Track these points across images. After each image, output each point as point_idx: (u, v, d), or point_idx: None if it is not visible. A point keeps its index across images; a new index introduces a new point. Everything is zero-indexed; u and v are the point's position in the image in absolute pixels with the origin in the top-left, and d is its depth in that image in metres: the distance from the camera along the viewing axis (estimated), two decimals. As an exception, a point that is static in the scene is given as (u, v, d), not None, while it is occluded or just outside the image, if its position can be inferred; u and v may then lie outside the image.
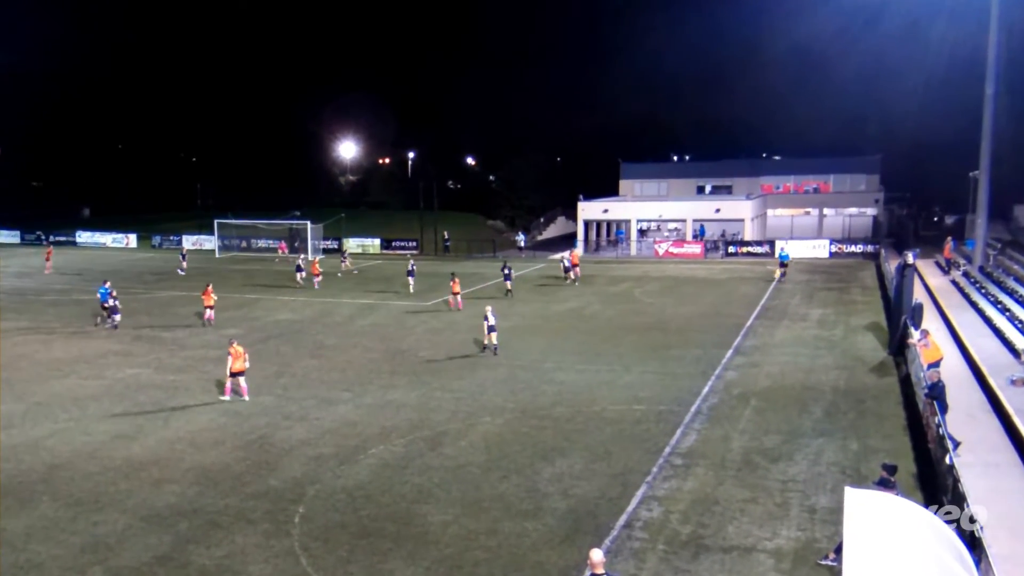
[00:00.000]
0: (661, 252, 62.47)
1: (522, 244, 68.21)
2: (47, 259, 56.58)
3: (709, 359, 28.03)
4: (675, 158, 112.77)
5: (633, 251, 66.10)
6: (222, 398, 23.93)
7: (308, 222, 67.33)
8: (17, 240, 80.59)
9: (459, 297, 39.06)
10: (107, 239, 77.44)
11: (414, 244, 67.97)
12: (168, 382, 25.97)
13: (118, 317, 35.22)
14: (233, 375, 23.88)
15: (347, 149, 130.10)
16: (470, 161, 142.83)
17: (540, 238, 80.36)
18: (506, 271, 44.92)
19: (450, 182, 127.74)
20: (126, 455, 19.37)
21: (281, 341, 32.22)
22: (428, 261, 61.58)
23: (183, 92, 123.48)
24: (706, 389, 24.27)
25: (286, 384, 25.66)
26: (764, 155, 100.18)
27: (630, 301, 41.62)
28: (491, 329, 29.33)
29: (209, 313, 36.45)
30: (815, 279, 48.44)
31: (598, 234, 72.53)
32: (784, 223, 73.51)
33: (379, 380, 25.99)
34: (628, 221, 69.41)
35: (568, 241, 71.07)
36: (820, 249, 60.16)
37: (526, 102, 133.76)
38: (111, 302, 35.44)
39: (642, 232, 71.74)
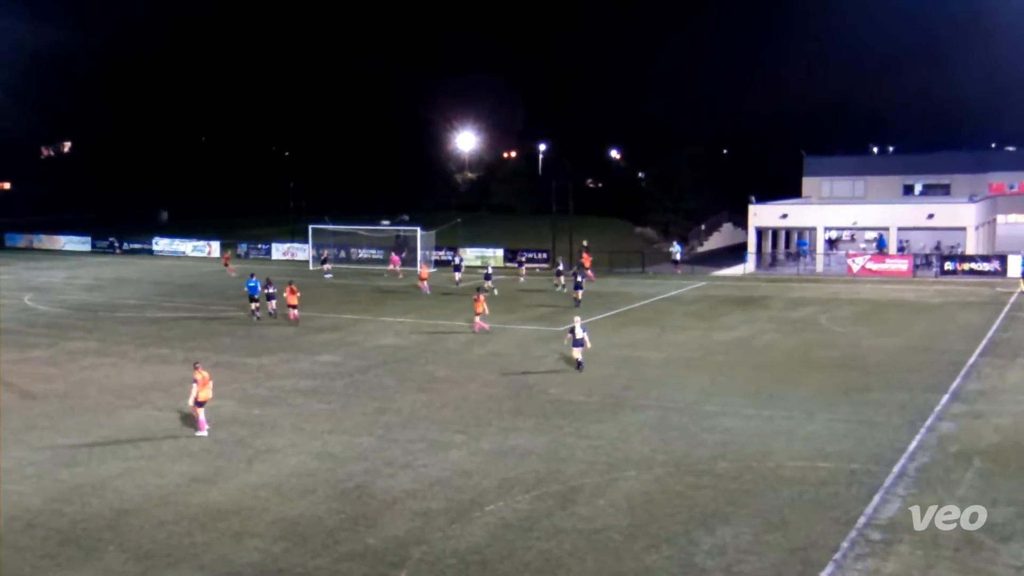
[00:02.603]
0: (855, 268, 60.82)
1: (678, 257, 67.51)
2: (226, 263, 65.85)
3: (918, 406, 27.12)
4: (875, 150, 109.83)
5: (819, 267, 64.54)
6: (199, 434, 24.98)
7: (418, 228, 68.79)
8: (88, 247, 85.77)
9: (479, 319, 40.26)
10: (187, 247, 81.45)
11: (544, 256, 68.40)
12: (252, 417, 27.00)
13: (274, 303, 44.18)
14: (199, 404, 24.97)
15: (465, 141, 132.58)
16: (614, 155, 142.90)
17: (701, 249, 79.40)
18: (577, 280, 48.39)
19: (590, 180, 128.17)
20: (203, 502, 20.22)
21: (384, 371, 32.99)
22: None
23: (275, 75, 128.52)
24: (914, 444, 23.47)
25: (389, 423, 26.22)
26: (993, 145, 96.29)
27: (815, 330, 40.75)
28: (577, 343, 31.88)
29: (294, 312, 42.55)
30: (1062, 305, 46.07)
31: (774, 245, 71.11)
32: (1020, 232, 70.24)
33: (500, 421, 26.23)
34: (813, 229, 67.90)
35: (735, 253, 69.98)
36: (1070, 266, 57.07)
37: (685, 81, 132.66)
38: (270, 289, 44.25)
39: (831, 243, 69.88)
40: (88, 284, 60.19)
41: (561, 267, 57.08)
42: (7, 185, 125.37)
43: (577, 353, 32.14)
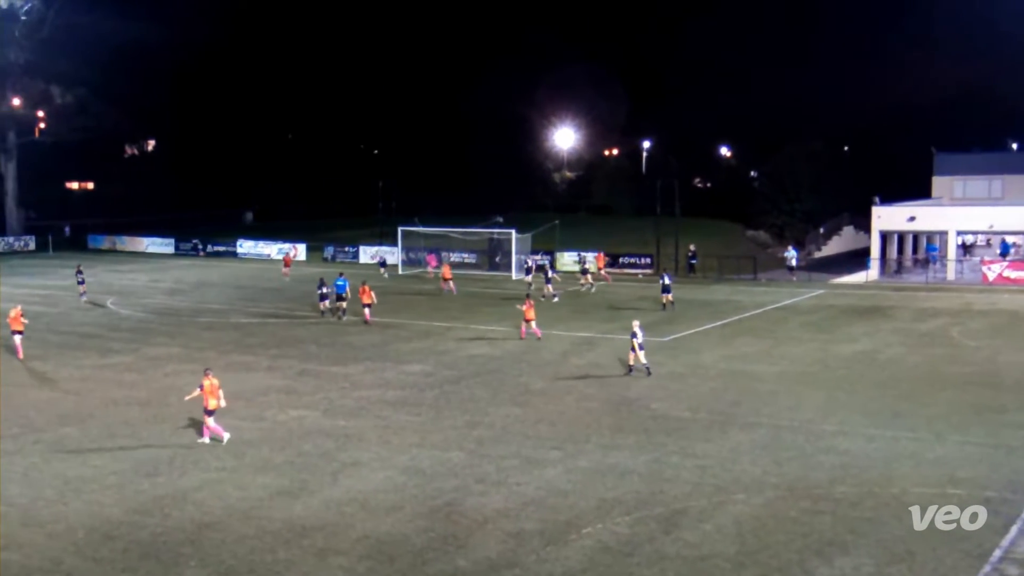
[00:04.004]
0: (992, 277, 59.34)
1: (793, 263, 66.52)
2: (287, 264, 68.01)
3: (1061, 429, 26.37)
4: (1014, 146, 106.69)
5: (951, 274, 63.13)
6: (201, 440, 25.93)
7: (513, 230, 69.04)
8: (171, 249, 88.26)
9: (533, 324, 40.42)
10: (272, 249, 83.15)
11: (647, 260, 68.09)
12: (338, 429, 27.43)
13: (327, 303, 46.81)
14: (208, 412, 25.77)
15: (564, 138, 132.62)
16: (724, 152, 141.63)
17: (819, 255, 78.16)
18: (665, 283, 49.28)
19: (697, 180, 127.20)
20: (286, 516, 20.62)
21: (476, 382, 33.22)
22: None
23: (364, 70, 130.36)
24: (1056, 471, 22.79)
25: (480, 438, 26.40)
26: None
27: (945, 343, 39.95)
28: (640, 346, 33.07)
29: (367, 312, 44.72)
30: None
31: (900, 250, 69.67)
32: None
33: (598, 438, 26.20)
34: (944, 233, 66.49)
35: (857, 259, 68.76)
36: None
37: (802, 72, 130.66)
38: (323, 289, 46.94)
39: (965, 248, 68.22)
40: (171, 287, 61.85)
41: (586, 266, 60.07)
42: (90, 185, 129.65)
43: (641, 356, 33.08)
